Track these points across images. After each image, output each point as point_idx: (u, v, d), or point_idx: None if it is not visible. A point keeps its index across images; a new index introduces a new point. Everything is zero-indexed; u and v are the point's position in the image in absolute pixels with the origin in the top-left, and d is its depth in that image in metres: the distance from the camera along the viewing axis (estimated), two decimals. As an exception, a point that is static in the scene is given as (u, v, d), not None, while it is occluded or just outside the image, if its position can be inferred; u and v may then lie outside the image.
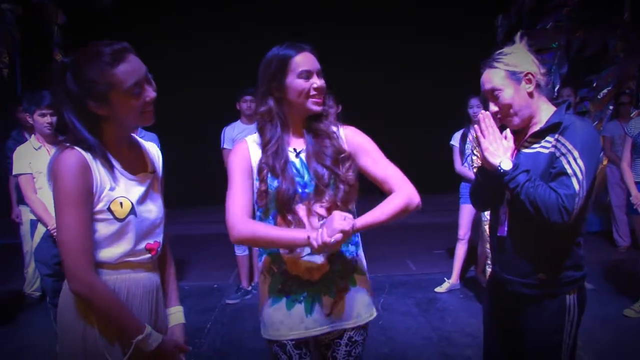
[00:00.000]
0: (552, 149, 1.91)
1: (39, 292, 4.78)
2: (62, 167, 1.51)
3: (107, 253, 1.60)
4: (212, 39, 8.88)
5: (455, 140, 4.86)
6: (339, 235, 1.63)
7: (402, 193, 1.82)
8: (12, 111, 5.09)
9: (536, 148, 1.97)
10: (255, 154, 1.88)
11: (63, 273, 3.95)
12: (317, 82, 1.82)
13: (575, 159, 1.83)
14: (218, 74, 8.56)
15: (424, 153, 8.78)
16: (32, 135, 3.82)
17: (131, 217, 1.61)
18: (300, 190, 1.82)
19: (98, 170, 1.56)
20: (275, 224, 1.83)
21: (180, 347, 1.73)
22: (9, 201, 4.91)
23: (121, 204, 1.59)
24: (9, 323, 4.41)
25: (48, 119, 3.65)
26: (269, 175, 1.82)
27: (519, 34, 2.03)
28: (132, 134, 1.76)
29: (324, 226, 1.67)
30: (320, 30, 7.36)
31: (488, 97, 2.01)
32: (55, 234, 3.54)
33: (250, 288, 4.97)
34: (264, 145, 1.86)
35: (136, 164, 1.71)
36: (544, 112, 2.00)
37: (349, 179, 1.84)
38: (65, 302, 1.64)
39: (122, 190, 1.61)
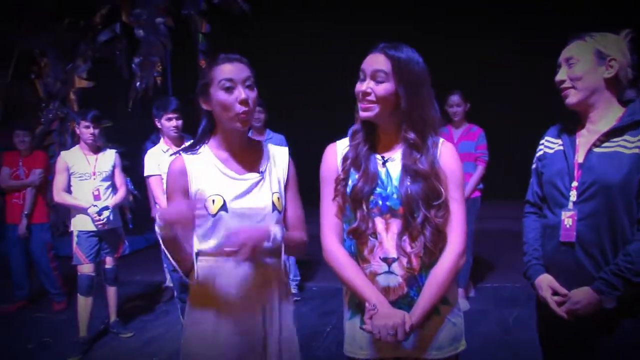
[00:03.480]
0: (637, 150, 1.67)
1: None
2: (168, 170, 1.86)
3: (204, 243, 1.81)
4: (346, 40, 8.87)
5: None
6: (390, 338, 1.58)
7: (453, 252, 1.70)
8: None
9: (612, 147, 1.74)
10: (342, 151, 1.80)
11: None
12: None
13: None
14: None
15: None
16: (161, 139, 4.08)
17: (222, 212, 1.77)
18: (380, 201, 1.68)
19: (197, 173, 1.80)
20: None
21: None
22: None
23: (213, 200, 1.77)
24: (150, 312, 4.78)
25: (174, 122, 3.87)
26: (352, 167, 1.73)
27: (626, 30, 1.82)
28: (250, 137, 1.94)
29: (378, 319, 1.59)
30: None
31: (563, 64, 1.86)
32: None
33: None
34: (352, 135, 1.78)
35: (245, 165, 1.85)
36: (612, 110, 1.79)
37: (438, 224, 1.68)
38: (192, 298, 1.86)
39: (217, 189, 1.78)
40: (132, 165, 5.19)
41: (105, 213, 4.02)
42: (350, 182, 1.72)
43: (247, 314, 1.82)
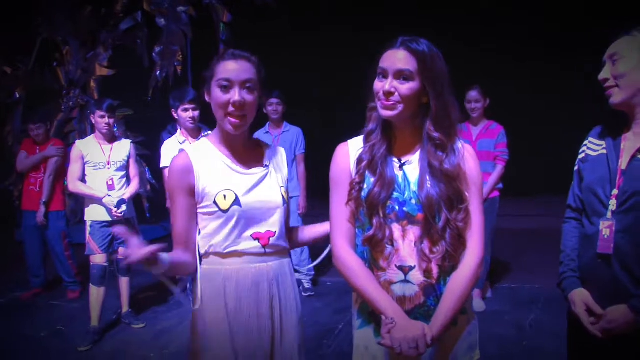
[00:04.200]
0: None
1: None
2: (170, 168, 1.78)
3: (215, 242, 1.75)
4: (361, 37, 8.74)
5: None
6: (411, 352, 1.48)
7: (472, 262, 1.60)
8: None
9: None
10: (355, 152, 1.70)
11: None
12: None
13: None
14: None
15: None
16: (178, 130, 4.03)
17: (235, 207, 1.72)
18: (397, 207, 1.59)
19: (203, 169, 1.74)
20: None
21: None
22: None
23: (225, 196, 1.72)
24: (163, 303, 4.77)
25: (190, 113, 3.82)
26: (367, 170, 1.63)
27: None
28: (248, 135, 1.87)
29: (398, 332, 1.49)
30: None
31: (607, 61, 1.73)
32: None
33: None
34: (366, 136, 1.67)
35: (249, 160, 1.81)
36: None
37: (460, 228, 1.59)
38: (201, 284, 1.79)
39: (227, 184, 1.73)
40: (150, 155, 5.17)
41: (123, 207, 4.00)
42: (365, 186, 1.63)
43: (256, 314, 1.77)
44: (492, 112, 4.45)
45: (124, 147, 4.18)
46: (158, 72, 6.50)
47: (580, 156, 1.85)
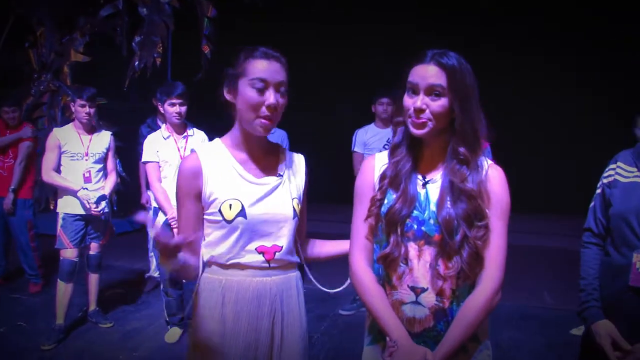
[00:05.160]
0: None
1: (163, 277, 4.95)
2: (179, 169, 1.69)
3: (217, 252, 1.66)
4: (357, 35, 8.69)
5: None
6: None
7: (488, 288, 1.53)
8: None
9: None
10: (380, 166, 1.65)
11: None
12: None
13: None
14: (358, 72, 8.37)
15: (575, 169, 7.93)
16: (163, 125, 3.90)
17: (240, 218, 1.63)
18: (416, 225, 1.54)
19: (212, 174, 1.64)
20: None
21: None
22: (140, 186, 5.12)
23: (230, 205, 1.63)
24: (131, 302, 4.60)
25: (177, 108, 3.70)
26: (390, 187, 1.58)
27: None
28: (268, 140, 1.76)
29: (398, 357, 1.47)
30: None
31: None
32: (172, 222, 3.60)
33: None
34: (392, 150, 1.62)
35: (263, 168, 1.72)
36: None
37: (477, 246, 1.52)
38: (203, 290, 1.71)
39: (234, 193, 1.64)
40: (123, 147, 5.00)
41: (103, 204, 3.83)
42: (386, 202, 1.58)
43: (254, 328, 1.68)
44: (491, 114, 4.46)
45: (103, 139, 4.01)
46: (137, 63, 6.29)
47: (606, 180, 1.81)
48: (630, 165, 1.76)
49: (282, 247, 1.70)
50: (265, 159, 1.74)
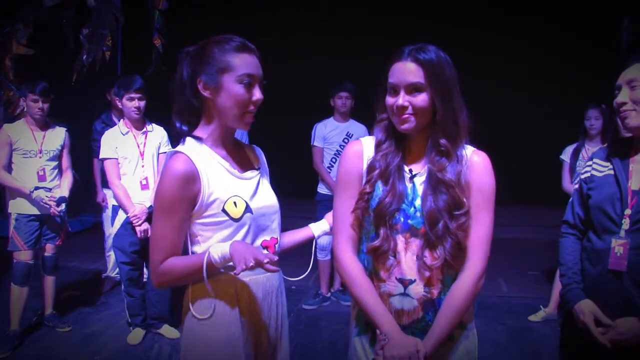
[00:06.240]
0: None
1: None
2: (167, 174, 1.54)
3: None
4: (311, 31, 8.64)
5: (566, 155, 4.37)
6: None
7: (472, 274, 1.58)
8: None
9: None
10: (368, 153, 1.65)
11: (139, 262, 3.87)
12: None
13: None
14: (315, 66, 8.33)
15: (527, 161, 8.18)
16: (121, 120, 3.77)
17: (247, 215, 1.60)
18: (402, 218, 1.55)
19: (207, 175, 1.56)
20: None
21: None
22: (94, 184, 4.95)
23: (235, 203, 1.59)
24: (89, 304, 4.44)
25: (136, 103, 3.60)
26: (379, 180, 1.59)
27: None
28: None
29: (390, 349, 1.47)
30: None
31: (623, 86, 1.78)
32: (134, 221, 3.49)
33: (329, 295, 4.72)
34: (377, 146, 1.63)
35: (242, 162, 1.71)
36: None
37: (459, 237, 1.55)
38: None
39: (233, 190, 1.60)
40: (72, 144, 4.82)
41: (63, 205, 3.70)
42: (374, 195, 1.59)
43: (267, 325, 1.69)
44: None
45: (58, 136, 3.85)
46: (84, 56, 6.05)
47: (584, 175, 1.92)
48: (604, 160, 1.88)
49: (277, 238, 1.72)
50: (239, 153, 1.74)
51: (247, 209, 1.60)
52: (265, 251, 1.62)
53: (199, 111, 1.65)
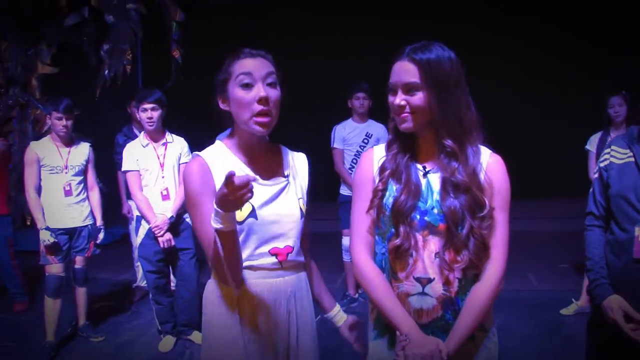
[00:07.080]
0: None
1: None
2: (184, 173, 1.62)
3: None
4: (329, 33, 8.63)
5: (592, 145, 4.29)
6: None
7: (493, 276, 1.56)
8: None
9: None
10: (379, 157, 1.67)
11: (165, 270, 3.91)
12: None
13: None
14: (332, 68, 8.34)
15: (553, 153, 8.07)
16: (142, 132, 3.85)
17: (250, 219, 1.60)
18: (419, 216, 1.55)
19: (219, 173, 1.59)
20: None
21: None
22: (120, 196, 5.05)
23: None
24: (121, 314, 4.54)
25: (149, 114, 3.66)
26: (391, 179, 1.60)
27: None
28: (268, 140, 1.76)
29: (411, 349, 1.46)
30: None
31: None
32: (156, 231, 3.56)
33: (357, 296, 4.71)
34: (388, 146, 1.66)
35: (268, 169, 1.70)
36: None
37: (483, 235, 1.54)
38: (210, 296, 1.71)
39: None
40: (97, 157, 4.94)
41: (101, 236, 3.90)
42: (388, 194, 1.59)
43: (274, 331, 1.69)
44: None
45: (82, 151, 3.95)
46: (106, 72, 6.19)
47: (603, 163, 1.89)
48: (624, 147, 1.84)
49: (293, 247, 1.70)
50: (269, 159, 1.73)
51: (252, 214, 1.60)
52: (273, 258, 1.65)
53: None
